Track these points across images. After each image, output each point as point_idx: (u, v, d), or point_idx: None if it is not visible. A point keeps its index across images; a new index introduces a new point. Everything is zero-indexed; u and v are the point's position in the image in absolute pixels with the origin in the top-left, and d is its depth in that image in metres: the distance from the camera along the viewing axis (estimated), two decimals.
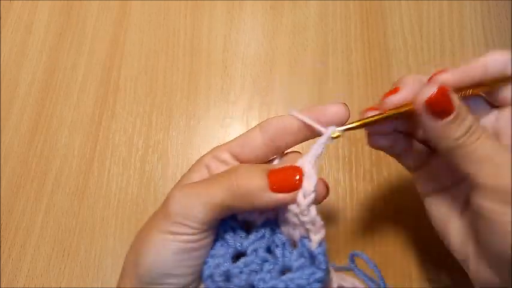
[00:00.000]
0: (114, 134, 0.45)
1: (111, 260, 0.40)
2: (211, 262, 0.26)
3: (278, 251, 0.26)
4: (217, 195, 0.25)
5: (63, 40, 0.50)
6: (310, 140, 0.28)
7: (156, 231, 0.25)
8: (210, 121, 0.46)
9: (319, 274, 0.25)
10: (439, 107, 0.25)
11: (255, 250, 0.26)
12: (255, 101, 0.46)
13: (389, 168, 0.42)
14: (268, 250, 0.27)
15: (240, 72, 0.48)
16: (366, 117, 0.29)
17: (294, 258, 0.26)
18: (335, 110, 0.27)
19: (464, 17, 0.49)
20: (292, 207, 0.25)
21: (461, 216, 0.30)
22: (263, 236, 0.27)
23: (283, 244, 0.27)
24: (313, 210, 0.25)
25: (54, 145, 0.45)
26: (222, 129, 0.45)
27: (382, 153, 0.43)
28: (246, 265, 0.26)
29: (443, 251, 0.39)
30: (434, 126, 0.26)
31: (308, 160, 0.25)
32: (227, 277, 0.26)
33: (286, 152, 0.29)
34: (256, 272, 0.26)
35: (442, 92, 0.25)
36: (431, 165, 0.31)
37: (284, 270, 0.26)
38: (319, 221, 0.25)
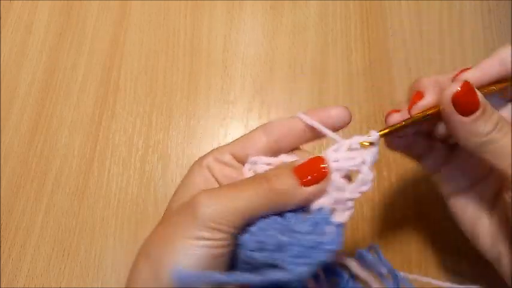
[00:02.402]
0: (114, 134, 0.45)
1: (111, 260, 0.40)
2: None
3: (290, 216, 0.26)
4: (252, 200, 0.24)
5: (63, 40, 0.50)
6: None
7: (181, 237, 0.24)
8: (210, 121, 0.46)
9: (331, 245, 0.24)
10: (466, 102, 0.25)
11: (266, 216, 0.26)
12: (255, 101, 0.46)
13: (389, 168, 0.42)
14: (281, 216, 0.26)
15: (240, 72, 0.48)
16: (391, 120, 0.29)
17: (307, 224, 0.25)
18: (338, 112, 0.27)
19: (464, 17, 0.49)
20: (336, 177, 0.25)
21: (491, 215, 0.30)
22: None
23: (297, 211, 0.26)
24: (353, 196, 0.25)
25: (54, 145, 0.45)
26: (222, 129, 0.45)
27: (382, 153, 0.43)
28: (259, 229, 0.25)
29: (444, 250, 0.39)
30: (462, 123, 0.26)
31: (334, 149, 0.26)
32: (243, 243, 0.25)
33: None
34: (265, 229, 0.25)
35: (467, 87, 0.25)
36: (453, 165, 0.31)
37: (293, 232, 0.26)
38: (352, 208, 0.26)
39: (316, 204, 0.26)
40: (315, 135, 0.27)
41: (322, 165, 0.25)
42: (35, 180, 0.43)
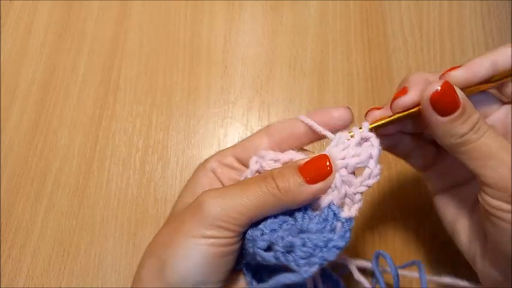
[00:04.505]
0: (114, 134, 0.45)
1: (111, 260, 0.40)
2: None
3: (299, 214, 0.26)
4: (258, 199, 0.25)
5: (63, 40, 0.50)
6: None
7: (187, 236, 0.24)
8: (210, 121, 0.46)
9: (339, 242, 0.25)
10: (444, 102, 0.25)
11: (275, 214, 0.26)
12: (255, 101, 0.46)
13: (390, 168, 0.42)
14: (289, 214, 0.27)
15: (240, 72, 0.48)
16: (372, 117, 0.29)
17: (315, 221, 0.26)
18: (340, 114, 0.27)
19: (464, 17, 0.49)
20: (344, 173, 0.26)
21: (470, 216, 0.30)
22: None
23: (305, 208, 0.27)
24: (362, 190, 0.26)
25: (54, 145, 0.45)
26: (222, 129, 0.45)
27: (382, 152, 0.43)
28: (266, 227, 0.26)
29: (443, 250, 0.39)
30: (439, 123, 0.26)
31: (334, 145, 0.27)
32: (253, 241, 0.26)
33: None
34: (275, 230, 0.25)
35: (447, 87, 0.25)
36: (440, 165, 0.31)
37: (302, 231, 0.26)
38: (361, 201, 0.26)
39: (324, 201, 0.26)
40: (317, 136, 0.28)
41: (327, 163, 0.25)
42: (35, 180, 0.43)
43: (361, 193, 0.26)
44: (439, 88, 0.25)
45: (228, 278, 0.26)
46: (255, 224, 0.26)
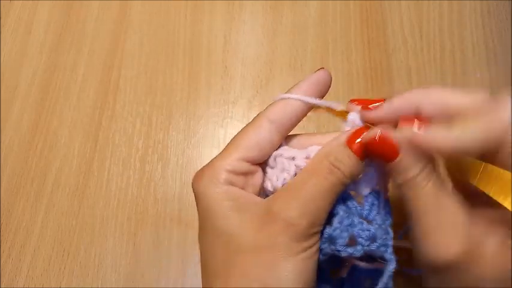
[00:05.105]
0: (114, 134, 0.45)
1: (111, 260, 0.40)
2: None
3: (352, 204, 0.27)
4: (328, 192, 0.24)
5: (63, 40, 0.50)
6: None
7: (283, 259, 0.22)
8: (210, 121, 0.46)
9: (390, 220, 0.27)
10: (380, 152, 0.24)
11: (339, 207, 0.26)
12: (255, 101, 0.46)
13: None
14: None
15: (240, 72, 0.47)
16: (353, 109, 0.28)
17: (367, 208, 0.27)
18: (320, 77, 0.27)
19: (464, 17, 0.49)
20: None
21: None
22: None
23: (352, 199, 0.27)
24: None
25: (54, 145, 0.45)
26: (222, 129, 0.45)
27: None
28: (341, 223, 0.25)
29: None
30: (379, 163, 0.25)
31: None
32: (331, 241, 0.25)
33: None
34: (351, 225, 0.26)
35: (384, 139, 0.23)
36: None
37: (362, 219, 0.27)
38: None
39: (367, 188, 0.27)
40: (309, 108, 0.27)
41: (374, 135, 0.24)
42: (35, 180, 0.43)
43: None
44: (377, 139, 0.24)
45: None
46: None
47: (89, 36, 0.50)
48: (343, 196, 0.27)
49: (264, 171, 0.28)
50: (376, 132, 0.24)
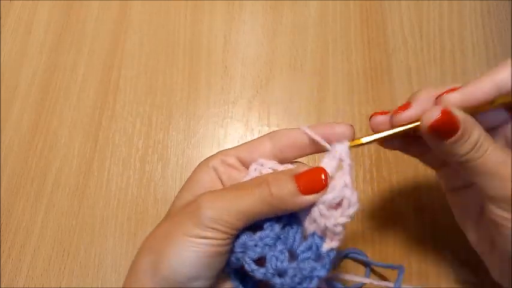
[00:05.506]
0: (114, 134, 0.45)
1: (111, 260, 0.40)
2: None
3: (291, 233, 0.27)
4: (252, 204, 0.26)
5: (63, 40, 0.50)
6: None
7: (183, 235, 0.25)
8: (210, 121, 0.46)
9: (322, 272, 0.26)
10: (443, 129, 0.26)
11: (272, 226, 0.27)
12: (255, 101, 0.46)
13: (389, 168, 0.42)
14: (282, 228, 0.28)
15: (240, 72, 0.48)
16: (374, 122, 0.29)
17: (301, 249, 0.27)
18: (342, 130, 0.28)
19: (464, 17, 0.49)
20: (322, 209, 0.26)
21: (479, 217, 0.31)
22: (281, 216, 0.27)
23: (298, 228, 0.27)
24: (342, 221, 0.26)
25: (54, 145, 0.45)
26: (222, 129, 0.45)
27: (382, 153, 0.43)
28: (261, 239, 0.26)
29: (443, 249, 0.39)
30: (440, 146, 0.26)
31: (330, 164, 0.27)
32: (244, 248, 0.27)
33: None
34: (269, 246, 0.26)
35: (445, 116, 0.26)
36: (451, 166, 0.32)
37: (290, 252, 0.27)
38: (341, 232, 0.26)
39: (309, 229, 0.27)
40: (317, 148, 0.28)
41: (323, 176, 0.26)
42: (35, 180, 0.43)
43: (342, 224, 0.26)
44: (438, 117, 0.26)
45: (219, 276, 0.27)
46: (248, 227, 0.27)
47: (89, 36, 0.50)
48: (294, 220, 0.27)
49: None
50: (436, 111, 0.26)
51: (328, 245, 0.26)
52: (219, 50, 0.49)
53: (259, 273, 0.26)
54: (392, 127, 0.29)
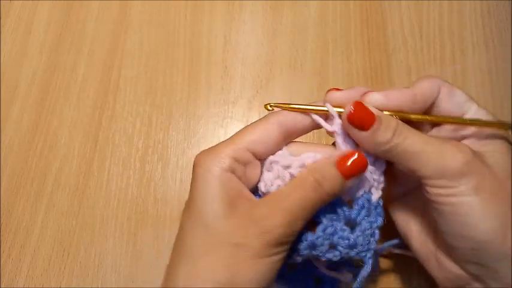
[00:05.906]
0: (114, 134, 0.45)
1: (111, 260, 0.40)
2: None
3: (340, 209, 0.29)
4: (310, 207, 0.26)
5: (63, 40, 0.50)
6: None
7: (255, 259, 0.25)
8: (210, 121, 0.46)
9: (379, 221, 0.29)
10: (360, 119, 0.27)
11: (324, 215, 0.28)
12: (255, 101, 0.46)
13: None
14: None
15: (240, 72, 0.48)
16: (332, 97, 0.30)
17: (355, 212, 0.28)
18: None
19: (464, 17, 0.49)
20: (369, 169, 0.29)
21: (421, 219, 0.31)
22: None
23: (342, 203, 0.29)
24: (383, 167, 0.29)
25: (54, 145, 0.45)
26: (222, 129, 0.45)
27: None
28: (324, 231, 0.28)
29: None
30: (363, 137, 0.27)
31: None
32: (312, 247, 0.28)
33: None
34: (332, 234, 0.28)
35: (358, 107, 0.27)
36: (388, 174, 0.32)
37: (347, 224, 0.29)
38: (383, 179, 0.30)
39: (359, 192, 0.29)
40: (314, 126, 0.29)
41: (363, 160, 0.27)
42: (35, 180, 0.43)
43: (383, 171, 0.29)
44: (352, 109, 0.27)
45: None
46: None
47: (89, 36, 0.50)
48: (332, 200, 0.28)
49: (262, 169, 0.29)
50: (351, 105, 0.27)
51: (377, 194, 0.29)
52: (219, 50, 0.49)
53: (335, 256, 0.28)
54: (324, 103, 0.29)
